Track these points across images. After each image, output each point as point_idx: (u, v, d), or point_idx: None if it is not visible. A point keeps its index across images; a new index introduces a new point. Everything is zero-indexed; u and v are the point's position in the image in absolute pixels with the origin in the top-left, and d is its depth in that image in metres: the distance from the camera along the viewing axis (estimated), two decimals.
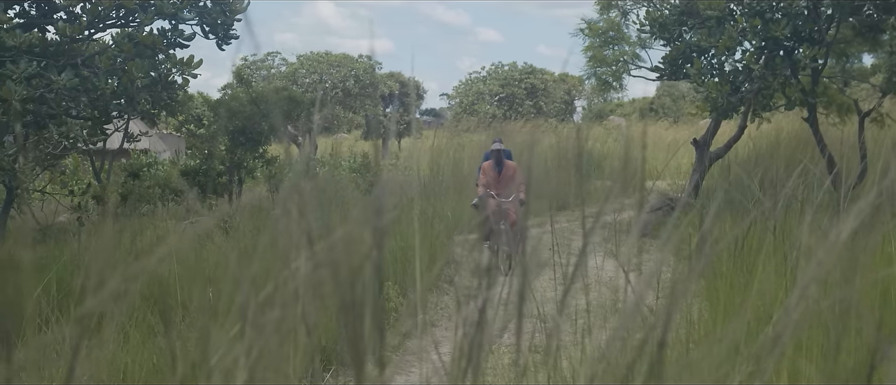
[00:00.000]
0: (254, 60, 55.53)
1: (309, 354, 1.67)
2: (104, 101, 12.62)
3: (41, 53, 12.00)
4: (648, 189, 4.18)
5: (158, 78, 12.93)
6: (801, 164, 6.54)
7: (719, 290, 6.68)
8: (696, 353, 1.96)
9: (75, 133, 18.57)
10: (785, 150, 22.08)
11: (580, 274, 2.00)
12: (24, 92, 10.80)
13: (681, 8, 19.19)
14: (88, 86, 12.18)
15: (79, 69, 12.00)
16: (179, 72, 13.07)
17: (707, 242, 2.11)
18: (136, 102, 13.07)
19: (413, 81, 60.56)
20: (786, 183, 5.67)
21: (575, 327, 3.61)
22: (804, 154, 18.70)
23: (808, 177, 6.12)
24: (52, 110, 11.82)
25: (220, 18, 12.78)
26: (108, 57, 12.12)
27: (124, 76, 12.33)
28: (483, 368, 1.70)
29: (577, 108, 66.09)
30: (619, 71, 22.92)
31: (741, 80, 18.01)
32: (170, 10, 12.29)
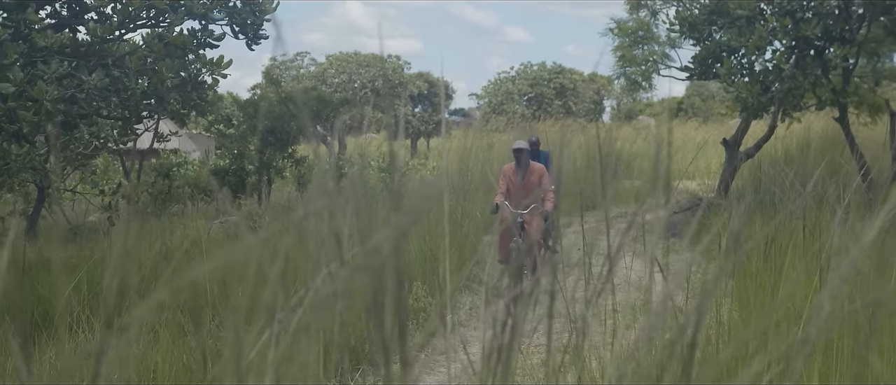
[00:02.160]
0: (283, 60, 55.67)
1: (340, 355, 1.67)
2: (134, 101, 12.68)
3: (72, 54, 12.06)
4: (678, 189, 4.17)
5: (188, 78, 12.98)
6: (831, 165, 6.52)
7: (748, 290, 6.66)
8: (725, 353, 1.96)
9: (106, 133, 18.66)
10: (815, 150, 21.97)
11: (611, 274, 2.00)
12: (56, 92, 10.85)
13: (711, 7, 19.12)
14: (119, 86, 12.24)
15: (109, 69, 12.06)
16: (209, 72, 13.12)
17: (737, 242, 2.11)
18: (166, 102, 13.13)
19: (442, 81, 60.59)
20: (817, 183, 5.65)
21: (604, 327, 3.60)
22: (835, 154, 18.61)
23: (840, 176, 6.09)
24: (83, 110, 11.88)
25: (250, 19, 12.82)
26: (139, 57, 12.17)
27: (154, 76, 12.39)
28: (512, 368, 1.70)
29: (606, 107, 65.97)
30: (649, 70, 22.87)
31: (771, 79, 17.93)
32: (200, 10, 12.34)
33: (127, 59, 12.22)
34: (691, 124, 45.84)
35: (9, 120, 10.98)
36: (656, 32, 22.67)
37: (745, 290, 6.80)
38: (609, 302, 2.60)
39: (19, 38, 11.84)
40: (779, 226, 6.70)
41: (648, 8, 22.73)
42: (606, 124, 49.13)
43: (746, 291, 6.71)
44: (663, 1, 22.28)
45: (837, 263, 2.00)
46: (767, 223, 7.35)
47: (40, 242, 17.05)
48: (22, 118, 10.84)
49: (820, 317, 1.88)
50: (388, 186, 1.64)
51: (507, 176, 14.84)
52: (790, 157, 21.47)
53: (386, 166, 31.09)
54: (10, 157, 11.87)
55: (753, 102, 17.92)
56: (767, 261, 6.69)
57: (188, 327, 8.53)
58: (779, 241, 6.77)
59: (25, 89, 10.79)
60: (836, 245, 3.47)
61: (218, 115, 29.39)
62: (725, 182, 20.95)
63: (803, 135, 23.81)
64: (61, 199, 20.64)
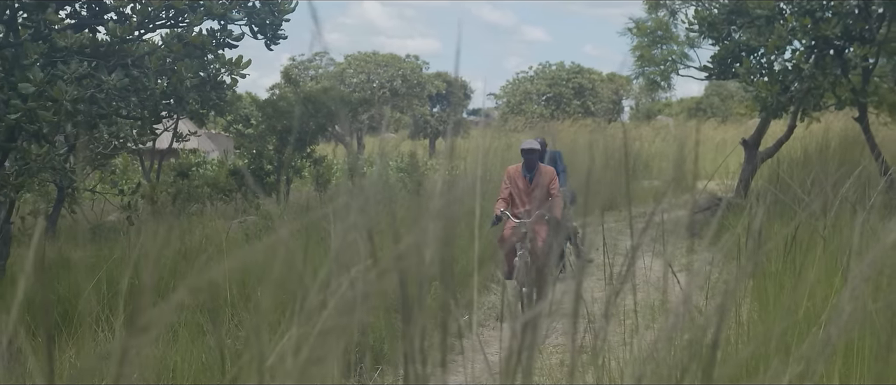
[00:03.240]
0: (302, 60, 55.74)
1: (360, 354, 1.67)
2: (153, 101, 12.71)
3: (92, 54, 12.10)
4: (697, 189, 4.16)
5: (207, 78, 13.00)
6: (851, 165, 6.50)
7: (768, 290, 6.64)
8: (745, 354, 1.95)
9: (125, 133, 18.72)
10: (835, 150, 21.91)
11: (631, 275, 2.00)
12: (75, 92, 10.88)
13: (730, 7, 19.07)
14: (138, 86, 12.27)
15: (129, 69, 12.09)
16: (228, 72, 13.14)
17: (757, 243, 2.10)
18: (185, 102, 13.16)
19: (460, 81, 60.57)
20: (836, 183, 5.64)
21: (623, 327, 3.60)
22: (854, 154, 18.55)
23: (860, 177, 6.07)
24: (103, 110, 11.91)
25: (269, 18, 12.83)
26: (158, 57, 12.20)
27: (173, 76, 12.42)
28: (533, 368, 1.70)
29: (624, 107, 65.89)
30: (668, 70, 22.84)
31: (791, 79, 17.88)
32: (219, 10, 12.35)
33: (146, 59, 12.24)
34: (710, 124, 45.73)
35: (29, 120, 11.01)
36: (675, 32, 22.64)
37: (764, 290, 6.78)
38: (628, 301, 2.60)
39: (39, 39, 11.88)
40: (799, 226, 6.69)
41: (667, 8, 22.70)
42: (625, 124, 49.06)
43: (766, 292, 6.69)
44: (682, 1, 22.25)
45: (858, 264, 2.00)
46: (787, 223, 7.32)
47: (60, 242, 17.12)
48: (42, 118, 10.88)
49: (841, 317, 1.88)
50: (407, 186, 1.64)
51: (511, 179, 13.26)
52: (809, 157, 21.41)
53: (404, 166, 31.11)
54: (31, 156, 11.91)
55: (773, 102, 17.88)
56: (787, 261, 6.67)
57: (207, 327, 8.55)
58: (798, 241, 6.75)
59: (45, 89, 10.82)
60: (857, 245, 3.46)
61: (237, 115, 29.42)
62: (744, 182, 20.91)
63: (822, 135, 23.75)
64: (81, 199, 20.71)
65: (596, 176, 1.82)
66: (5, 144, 11.71)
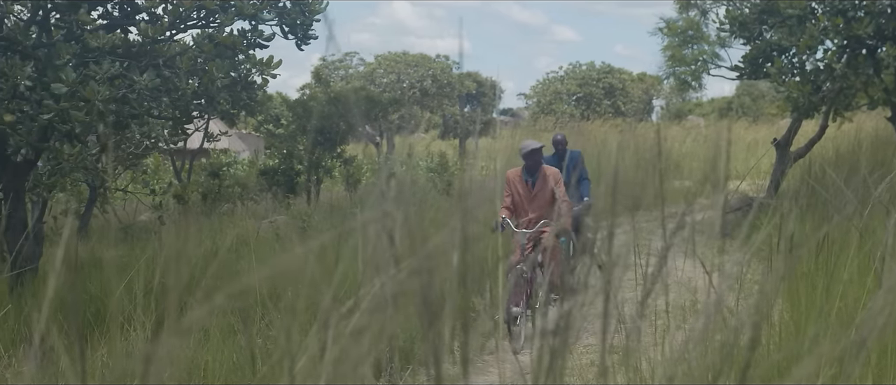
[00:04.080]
0: (332, 60, 55.85)
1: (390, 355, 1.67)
2: (185, 102, 12.75)
3: (124, 54, 12.14)
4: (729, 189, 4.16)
5: (238, 78, 13.03)
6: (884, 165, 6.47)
7: (800, 292, 6.61)
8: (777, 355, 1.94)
9: (157, 133, 18.80)
10: (867, 150, 21.78)
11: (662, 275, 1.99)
12: (107, 92, 10.93)
13: (761, 6, 18.99)
14: (169, 86, 12.31)
15: (160, 69, 12.13)
16: (259, 72, 13.16)
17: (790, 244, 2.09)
18: (216, 102, 13.19)
19: (490, 81, 60.58)
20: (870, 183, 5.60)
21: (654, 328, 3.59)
22: (887, 154, 18.44)
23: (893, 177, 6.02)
24: (135, 110, 11.95)
25: (300, 19, 12.84)
26: (189, 57, 12.23)
27: (205, 76, 12.45)
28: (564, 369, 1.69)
29: (655, 107, 65.77)
30: (698, 70, 22.77)
31: (822, 79, 17.80)
32: (250, 10, 12.38)
33: (177, 60, 12.28)
34: (741, 124, 45.56)
35: (61, 120, 11.07)
36: (706, 32, 22.57)
37: (796, 291, 6.75)
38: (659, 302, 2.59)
39: (72, 39, 11.94)
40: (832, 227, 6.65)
41: (698, 7, 22.62)
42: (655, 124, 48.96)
43: (798, 293, 6.66)
44: (713, 0, 22.18)
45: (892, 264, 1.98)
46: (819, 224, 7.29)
47: (92, 241, 17.22)
48: (74, 118, 10.92)
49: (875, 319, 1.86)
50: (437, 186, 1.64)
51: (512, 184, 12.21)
52: (841, 158, 21.30)
53: (434, 166, 31.13)
54: (63, 156, 11.97)
55: (804, 102, 17.80)
56: (819, 262, 6.63)
57: (238, 327, 8.58)
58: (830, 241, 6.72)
59: (78, 90, 10.87)
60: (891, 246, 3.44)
61: (267, 115, 29.53)
62: (776, 182, 20.81)
63: (854, 135, 23.62)
64: (113, 199, 20.83)
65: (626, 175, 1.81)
66: (38, 144, 11.77)
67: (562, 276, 11.55)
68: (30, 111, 11.43)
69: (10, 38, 11.61)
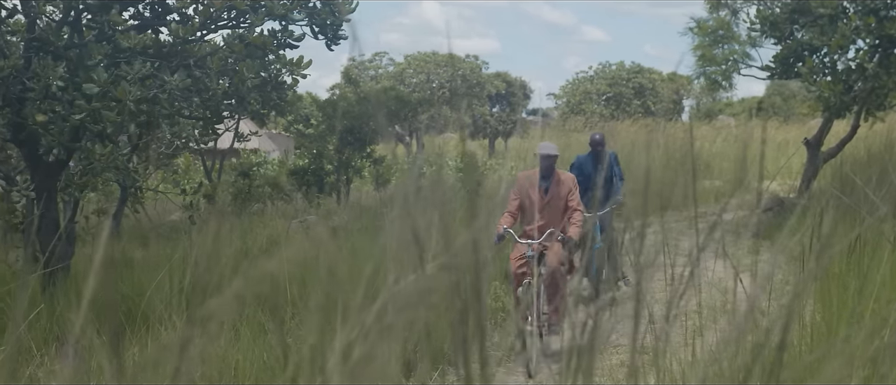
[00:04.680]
0: (361, 61, 55.93)
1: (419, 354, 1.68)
2: (215, 102, 12.80)
3: (155, 54, 12.20)
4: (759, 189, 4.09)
5: (268, 78, 13.08)
6: None
7: (832, 293, 6.58)
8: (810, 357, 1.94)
9: (187, 133, 18.90)
10: None
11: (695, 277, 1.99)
12: (139, 92, 10.98)
13: (792, 6, 18.91)
14: (200, 86, 12.37)
15: (191, 70, 12.18)
16: (289, 72, 13.21)
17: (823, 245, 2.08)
18: (247, 102, 13.24)
19: (519, 81, 60.55)
20: None
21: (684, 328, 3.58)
22: None
23: None
24: (165, 110, 12.01)
25: (330, 19, 12.87)
26: (220, 58, 12.28)
27: (235, 77, 12.50)
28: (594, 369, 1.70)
29: (685, 107, 65.52)
30: (729, 70, 22.67)
31: (854, 78, 17.71)
32: (280, 11, 12.41)
33: (208, 60, 12.33)
34: (772, 124, 45.36)
35: (93, 120, 11.13)
36: (736, 31, 22.45)
37: (827, 292, 6.73)
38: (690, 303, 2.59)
39: (103, 40, 12.00)
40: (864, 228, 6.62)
41: (729, 7, 22.52)
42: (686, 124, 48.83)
43: (829, 293, 6.64)
44: (744, 0, 22.09)
45: None
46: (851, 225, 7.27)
47: (123, 241, 17.30)
48: (106, 118, 10.99)
49: None
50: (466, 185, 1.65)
51: (523, 189, 11.27)
52: (873, 158, 21.18)
53: (463, 166, 31.12)
54: (95, 156, 12.04)
55: (836, 102, 17.72)
56: (851, 262, 6.60)
57: (268, 326, 8.61)
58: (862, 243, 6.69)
59: (109, 90, 10.93)
60: None
61: (297, 115, 29.63)
62: (807, 182, 20.71)
63: (886, 135, 23.49)
64: (144, 199, 20.92)
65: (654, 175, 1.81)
66: (70, 144, 11.84)
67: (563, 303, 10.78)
68: (62, 111, 11.50)
69: (42, 39, 11.69)
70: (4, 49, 11.75)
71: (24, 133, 11.99)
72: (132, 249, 15.74)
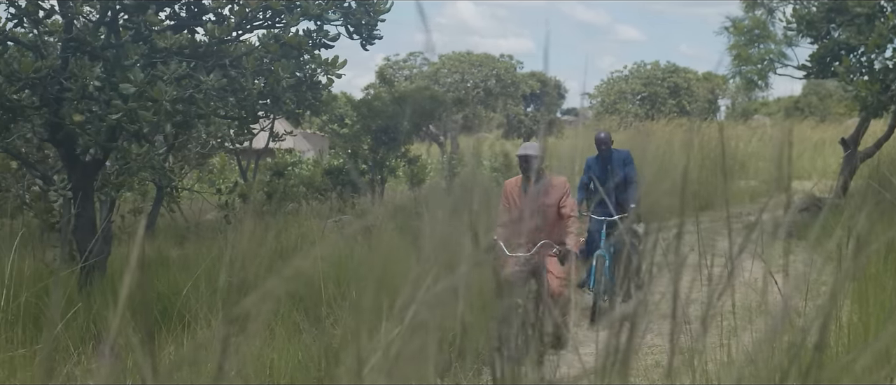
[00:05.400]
0: (396, 60, 55.98)
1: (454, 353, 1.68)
2: (251, 102, 12.84)
3: (191, 54, 12.25)
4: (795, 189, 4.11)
5: (303, 78, 13.11)
6: None
7: (868, 293, 6.55)
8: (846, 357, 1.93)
9: (223, 132, 18.99)
10: None
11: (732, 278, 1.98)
12: (175, 92, 11.03)
13: (829, 5, 18.79)
14: (236, 86, 12.41)
15: (226, 70, 12.22)
16: (324, 72, 13.23)
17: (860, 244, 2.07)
18: (282, 102, 13.27)
19: (554, 81, 60.50)
20: None
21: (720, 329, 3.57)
22: None
23: None
24: (201, 110, 12.06)
25: (365, 19, 12.88)
26: (255, 58, 12.32)
27: (270, 76, 12.53)
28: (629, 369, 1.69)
29: (720, 107, 65.29)
30: (765, 69, 22.55)
31: (891, 78, 17.58)
32: (315, 11, 12.43)
33: (243, 60, 12.37)
34: (808, 123, 45.14)
35: (129, 120, 11.18)
36: (772, 31, 22.32)
37: (864, 292, 6.69)
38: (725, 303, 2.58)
39: (140, 40, 12.06)
40: None
41: (765, 6, 22.41)
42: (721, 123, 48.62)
43: (866, 294, 6.60)
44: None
45: None
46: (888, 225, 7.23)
47: (159, 240, 17.39)
48: (142, 118, 11.04)
49: None
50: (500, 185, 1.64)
51: (510, 197, 10.34)
52: None
53: (498, 165, 31.11)
54: (131, 156, 12.11)
55: (873, 101, 17.59)
56: (888, 263, 6.57)
57: (304, 325, 8.63)
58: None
59: (145, 90, 10.98)
60: None
61: (332, 115, 29.68)
62: (844, 182, 20.58)
63: None
64: (179, 198, 21.02)
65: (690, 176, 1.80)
66: (107, 144, 11.91)
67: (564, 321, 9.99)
68: (98, 111, 11.57)
69: (79, 39, 11.76)
70: (42, 49, 11.83)
71: (61, 133, 12.06)
72: (168, 248, 15.81)
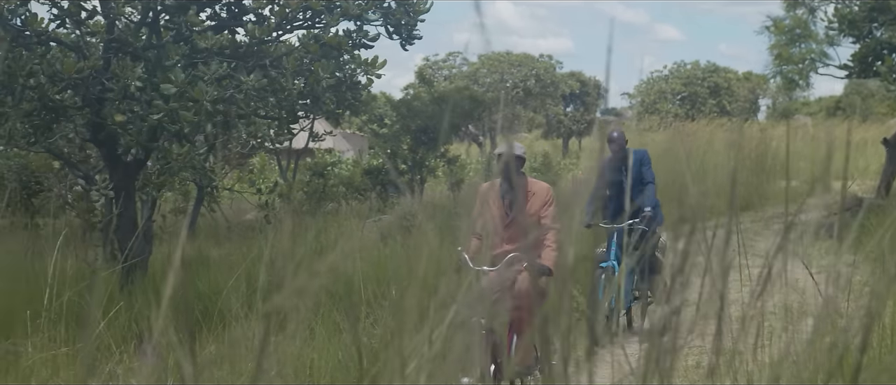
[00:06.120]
0: (435, 60, 55.98)
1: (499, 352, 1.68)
2: (291, 102, 12.88)
3: (231, 55, 12.31)
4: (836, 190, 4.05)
5: (343, 78, 13.14)
6: None
7: None
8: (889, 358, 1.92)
9: (263, 133, 19.03)
10: None
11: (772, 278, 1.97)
12: (215, 93, 11.08)
13: (871, 4, 18.66)
14: (276, 86, 12.45)
15: (267, 70, 12.27)
16: (364, 72, 13.26)
17: None
18: (322, 102, 13.31)
19: (593, 81, 60.31)
20: None
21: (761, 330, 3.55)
22: None
23: None
24: (242, 110, 12.11)
25: (404, 19, 12.89)
26: (295, 58, 12.35)
27: (310, 77, 12.57)
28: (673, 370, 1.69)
29: (761, 106, 64.89)
30: (806, 69, 22.42)
31: None
32: (355, 11, 12.46)
33: (284, 60, 12.41)
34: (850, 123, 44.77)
35: (170, 120, 11.25)
36: (814, 30, 22.19)
37: None
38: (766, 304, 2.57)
39: (181, 40, 12.14)
40: None
41: (806, 5, 22.27)
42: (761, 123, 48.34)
43: None
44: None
45: None
46: None
47: (200, 240, 17.48)
48: (183, 118, 11.10)
49: None
50: None
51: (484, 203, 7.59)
52: None
53: (537, 166, 31.04)
54: (172, 156, 12.18)
55: None
56: None
57: (343, 325, 8.65)
58: None
59: (186, 90, 11.04)
60: None
61: (371, 115, 29.69)
62: (886, 182, 20.43)
63: None
64: (220, 198, 21.11)
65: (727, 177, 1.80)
66: (148, 144, 11.99)
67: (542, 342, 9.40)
68: (140, 111, 11.64)
69: (121, 40, 11.85)
70: (84, 50, 11.93)
71: (103, 133, 12.15)
72: (208, 248, 15.88)
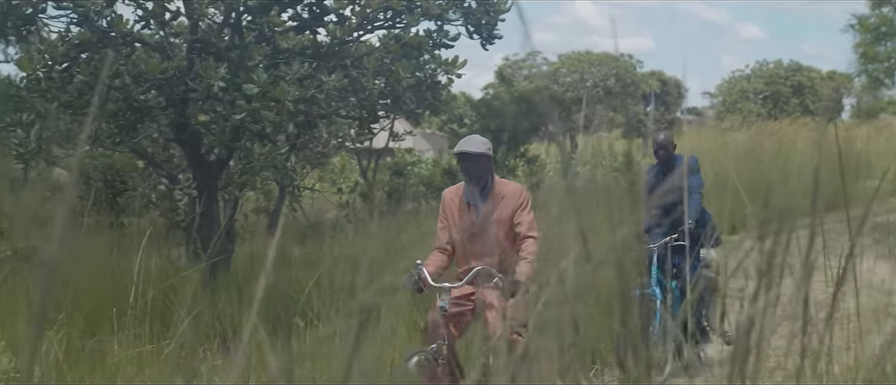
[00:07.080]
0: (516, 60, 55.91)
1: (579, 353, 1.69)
2: (371, 102, 12.92)
3: (313, 55, 12.39)
4: None
5: (423, 78, 13.15)
6: None
7: None
8: None
9: (344, 132, 19.14)
10: None
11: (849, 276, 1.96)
12: (297, 93, 11.15)
13: None
14: (356, 86, 12.49)
15: (348, 70, 12.32)
16: (444, 72, 13.26)
17: None
18: (402, 102, 13.33)
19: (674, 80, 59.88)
20: None
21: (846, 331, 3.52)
22: None
23: None
24: (323, 110, 12.17)
25: (485, 18, 12.87)
26: (376, 58, 12.39)
27: (390, 76, 12.59)
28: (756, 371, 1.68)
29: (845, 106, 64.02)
30: (892, 67, 22.13)
31: None
32: (435, 11, 12.47)
33: (364, 60, 12.45)
34: None
35: (253, 120, 11.34)
36: None
37: None
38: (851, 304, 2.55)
39: (263, 41, 12.24)
40: None
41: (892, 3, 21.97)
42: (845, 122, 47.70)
43: None
44: None
45: None
46: None
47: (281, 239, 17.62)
48: (265, 118, 11.18)
49: None
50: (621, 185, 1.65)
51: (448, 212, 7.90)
52: None
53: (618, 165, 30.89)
54: (254, 156, 12.28)
55: None
56: None
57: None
58: None
59: (269, 90, 11.12)
60: None
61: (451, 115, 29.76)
62: None
63: None
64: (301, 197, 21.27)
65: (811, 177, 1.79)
66: (230, 144, 12.10)
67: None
68: (223, 111, 11.76)
69: (204, 41, 11.98)
70: (168, 51, 12.07)
71: (186, 133, 12.30)
72: (290, 247, 16.01)
